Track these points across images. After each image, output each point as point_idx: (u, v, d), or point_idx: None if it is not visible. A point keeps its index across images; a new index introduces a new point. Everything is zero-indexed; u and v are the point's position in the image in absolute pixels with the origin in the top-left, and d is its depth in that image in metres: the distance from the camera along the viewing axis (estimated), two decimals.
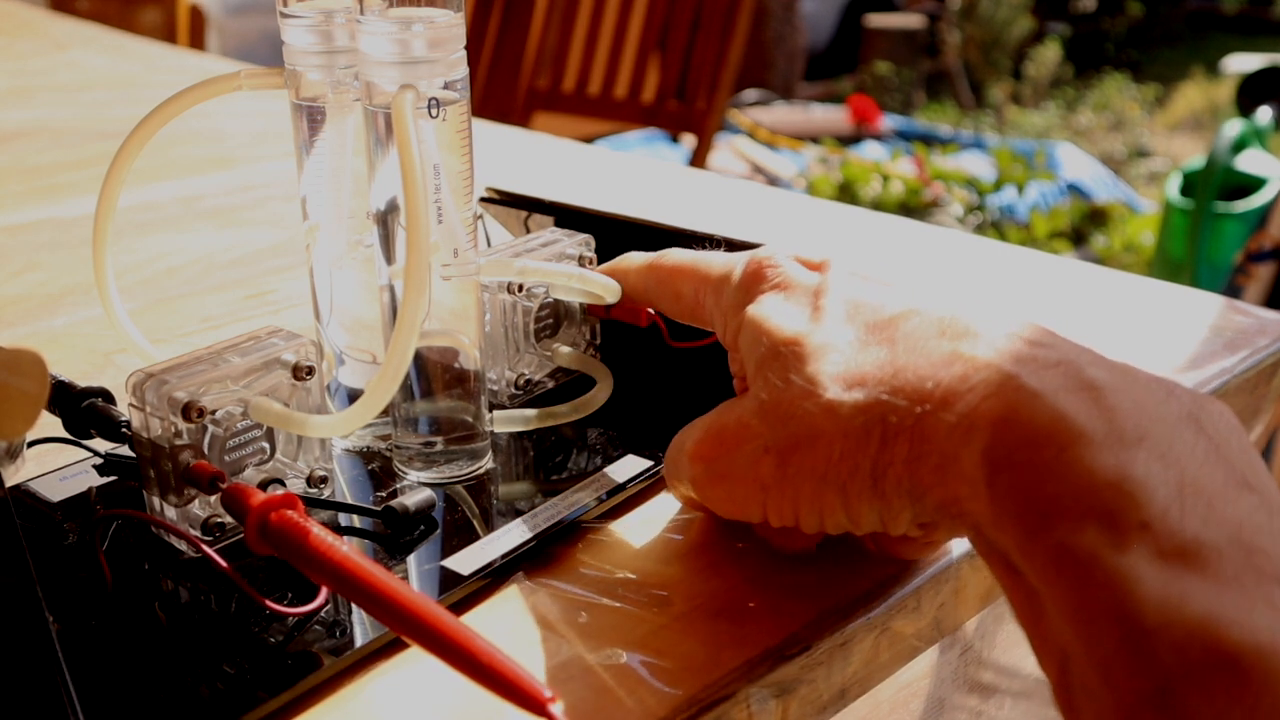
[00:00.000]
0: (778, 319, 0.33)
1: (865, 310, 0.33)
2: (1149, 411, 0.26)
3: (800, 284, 0.34)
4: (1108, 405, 0.26)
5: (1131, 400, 0.27)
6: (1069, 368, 0.28)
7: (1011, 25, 4.99)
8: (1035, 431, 0.26)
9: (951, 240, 0.66)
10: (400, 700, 0.30)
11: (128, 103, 1.02)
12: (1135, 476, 0.25)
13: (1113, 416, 0.26)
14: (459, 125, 0.35)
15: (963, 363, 0.29)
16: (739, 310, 0.35)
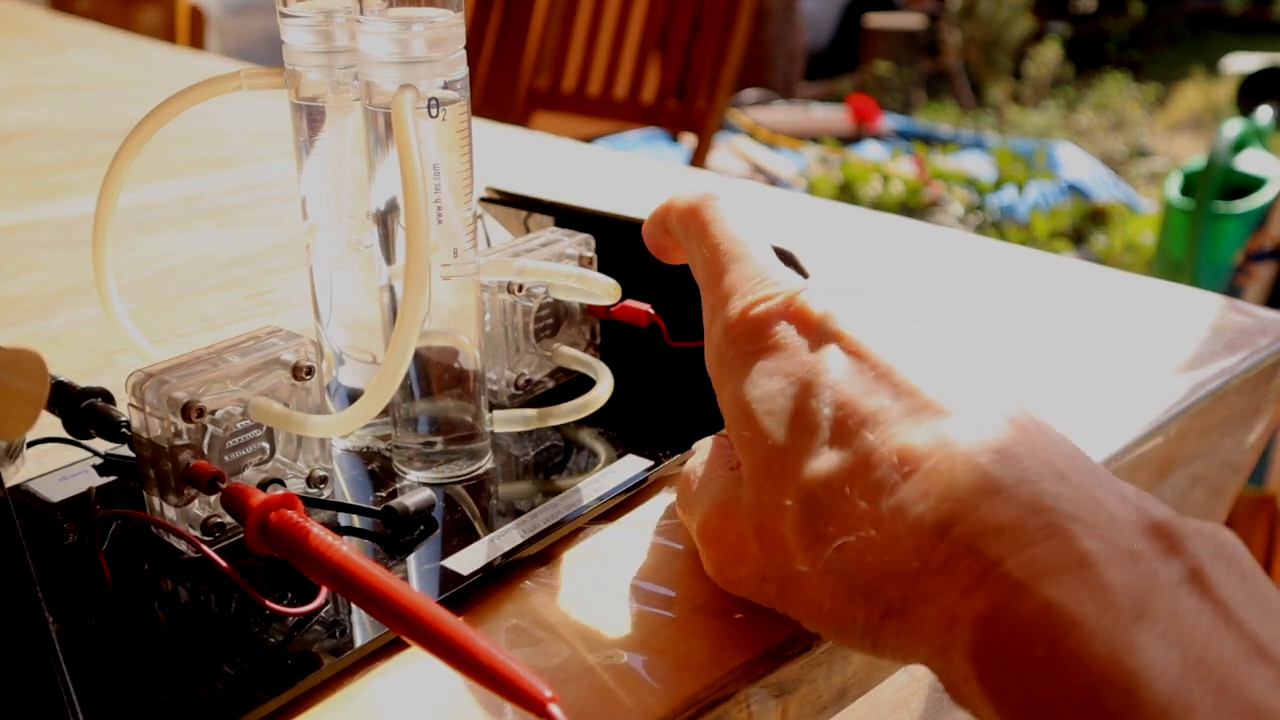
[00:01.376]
0: (768, 422, 0.30)
1: (853, 418, 0.29)
2: (1146, 581, 0.24)
3: (793, 361, 0.31)
4: (1101, 583, 0.24)
5: (1127, 573, 0.24)
6: (1060, 541, 0.25)
7: (1011, 25, 4.99)
8: (1023, 628, 0.24)
9: (951, 240, 0.66)
10: (400, 700, 0.30)
11: (128, 103, 1.02)
12: (1135, 668, 0.23)
13: (1107, 595, 0.24)
14: (459, 125, 0.35)
15: (946, 545, 0.26)
16: (726, 365, 0.33)
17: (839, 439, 0.29)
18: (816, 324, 0.31)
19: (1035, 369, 0.49)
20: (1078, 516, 0.25)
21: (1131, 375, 0.48)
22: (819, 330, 0.31)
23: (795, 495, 0.29)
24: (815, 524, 0.28)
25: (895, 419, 0.28)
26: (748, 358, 0.32)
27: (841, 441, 0.29)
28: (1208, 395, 0.47)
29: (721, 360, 0.33)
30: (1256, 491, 1.57)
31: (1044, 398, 0.46)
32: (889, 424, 0.28)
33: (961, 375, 0.30)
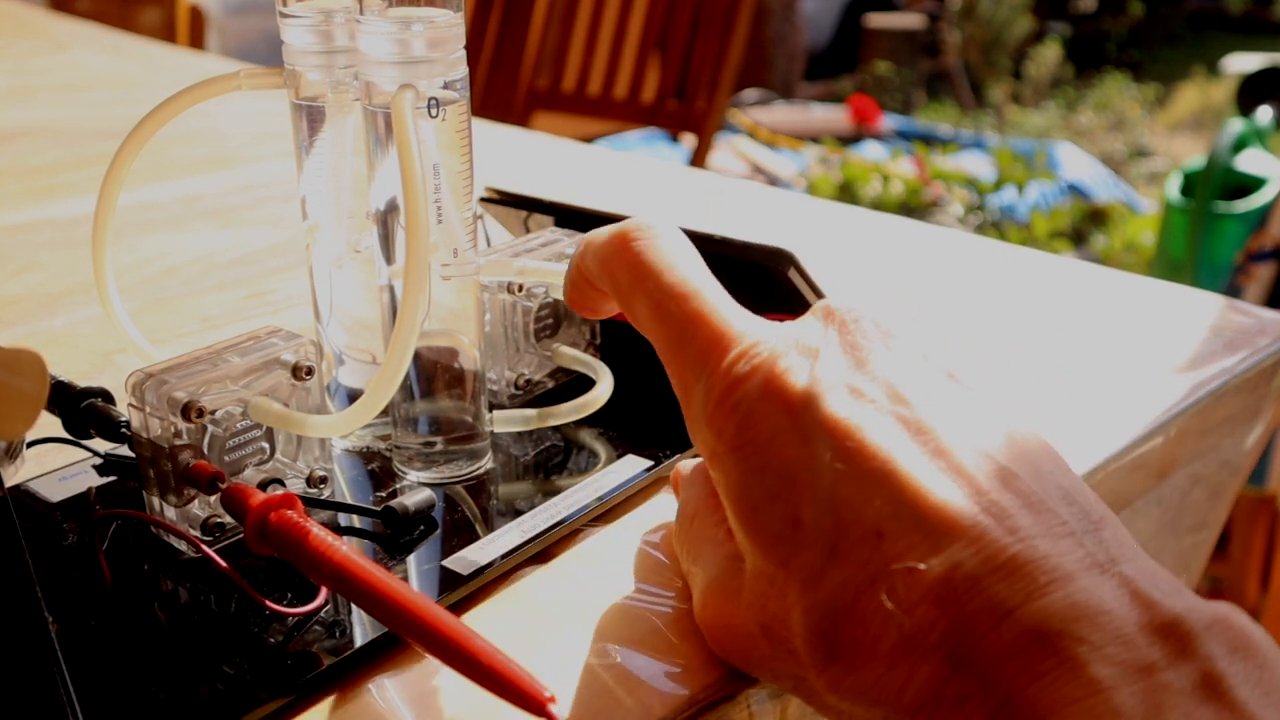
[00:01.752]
0: (765, 536, 0.28)
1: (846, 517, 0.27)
2: (1158, 698, 0.23)
3: (782, 457, 0.28)
4: (1111, 709, 0.23)
5: (1139, 694, 0.23)
6: (1068, 668, 0.23)
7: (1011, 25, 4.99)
8: None
9: (951, 240, 0.66)
10: (400, 700, 0.30)
11: (128, 103, 1.02)
12: None
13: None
14: (459, 125, 0.35)
15: (958, 679, 0.25)
16: (716, 458, 0.29)
17: (841, 555, 0.26)
18: (800, 408, 0.28)
19: (1035, 369, 0.49)
20: (1085, 637, 0.24)
21: (1131, 375, 0.48)
22: (803, 417, 0.28)
23: (801, 617, 0.27)
24: (826, 648, 0.26)
25: (898, 533, 0.26)
26: (735, 452, 0.29)
27: (845, 558, 0.26)
28: (1208, 395, 0.47)
29: (711, 453, 0.29)
30: (1256, 491, 1.57)
31: (1044, 398, 0.46)
32: (892, 539, 0.26)
33: (962, 431, 0.28)
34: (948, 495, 0.26)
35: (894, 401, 0.28)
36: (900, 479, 0.26)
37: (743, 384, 0.29)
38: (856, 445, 0.27)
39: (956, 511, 0.26)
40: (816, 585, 0.26)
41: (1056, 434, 0.43)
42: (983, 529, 0.25)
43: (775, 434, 0.28)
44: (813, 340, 0.30)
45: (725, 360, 0.29)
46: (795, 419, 0.28)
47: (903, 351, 0.30)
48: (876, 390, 0.28)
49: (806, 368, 0.29)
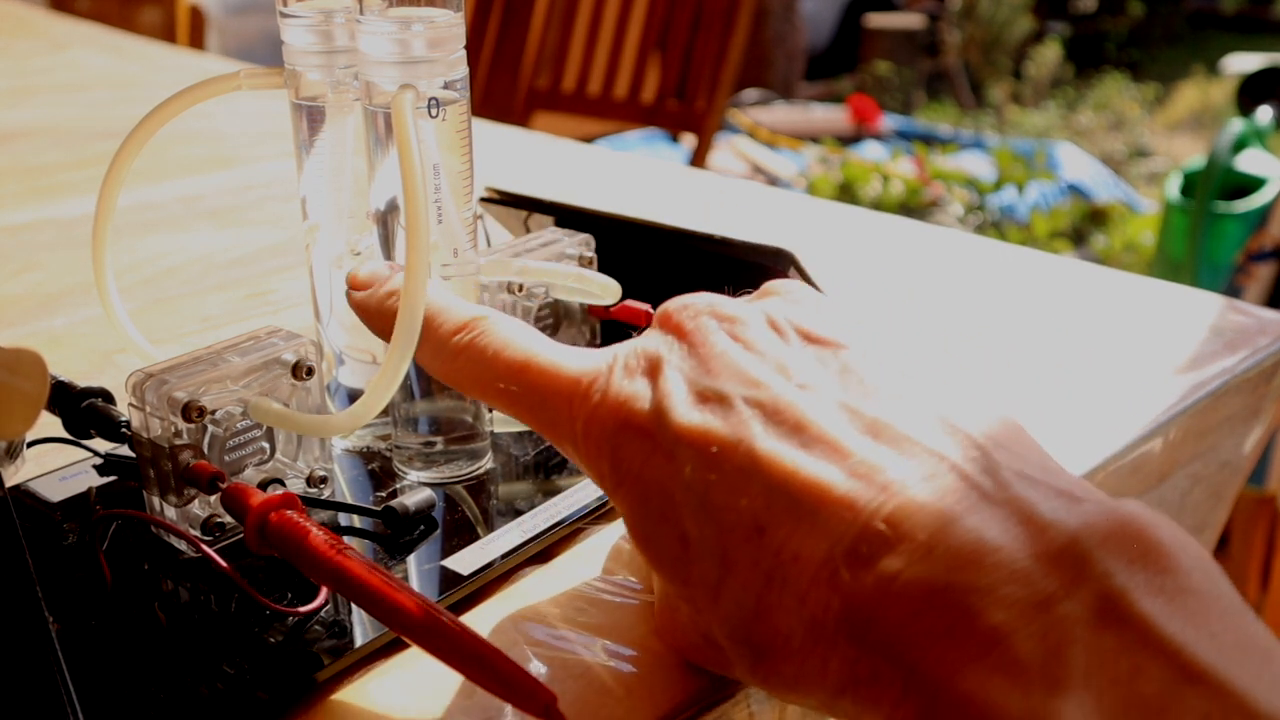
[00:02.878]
0: (661, 565, 0.28)
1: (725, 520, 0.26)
2: (1058, 635, 0.22)
3: (653, 483, 0.28)
4: (1012, 660, 0.22)
5: (1037, 635, 0.22)
6: (964, 622, 0.23)
7: (1011, 25, 5.00)
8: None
9: (951, 240, 0.66)
10: (400, 700, 0.30)
11: (128, 103, 1.02)
12: None
13: (1020, 672, 0.22)
14: (459, 125, 0.35)
15: (866, 656, 0.24)
16: (608, 493, 0.29)
17: (732, 561, 0.26)
18: (654, 428, 0.27)
19: (1035, 369, 0.49)
20: (975, 584, 0.23)
21: (1131, 375, 0.48)
22: (660, 436, 0.27)
23: (718, 628, 0.27)
24: (748, 653, 0.26)
25: (775, 523, 0.25)
26: (617, 490, 0.28)
27: (735, 563, 0.26)
28: (1207, 395, 0.47)
29: (607, 494, 0.30)
30: (1256, 491, 1.57)
31: (1044, 398, 0.46)
32: (772, 530, 0.25)
33: (821, 394, 0.27)
34: (812, 469, 0.25)
35: (745, 387, 0.27)
36: (764, 467, 0.26)
37: (595, 424, 0.29)
38: (714, 448, 0.26)
39: (824, 483, 0.25)
40: (718, 597, 0.26)
41: (1056, 434, 0.43)
42: (853, 495, 0.25)
43: (643, 461, 0.28)
44: (654, 353, 0.29)
45: (572, 409, 0.29)
46: (654, 440, 0.27)
47: (748, 331, 0.29)
48: (724, 384, 0.27)
49: (648, 387, 0.28)
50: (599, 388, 0.29)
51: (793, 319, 0.29)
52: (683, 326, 0.29)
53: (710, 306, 0.30)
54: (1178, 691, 0.21)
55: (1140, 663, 0.21)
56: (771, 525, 0.25)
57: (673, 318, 0.30)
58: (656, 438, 0.27)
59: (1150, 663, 0.21)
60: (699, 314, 0.29)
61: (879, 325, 0.30)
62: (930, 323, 0.54)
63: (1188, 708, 0.21)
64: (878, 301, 0.57)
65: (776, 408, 0.26)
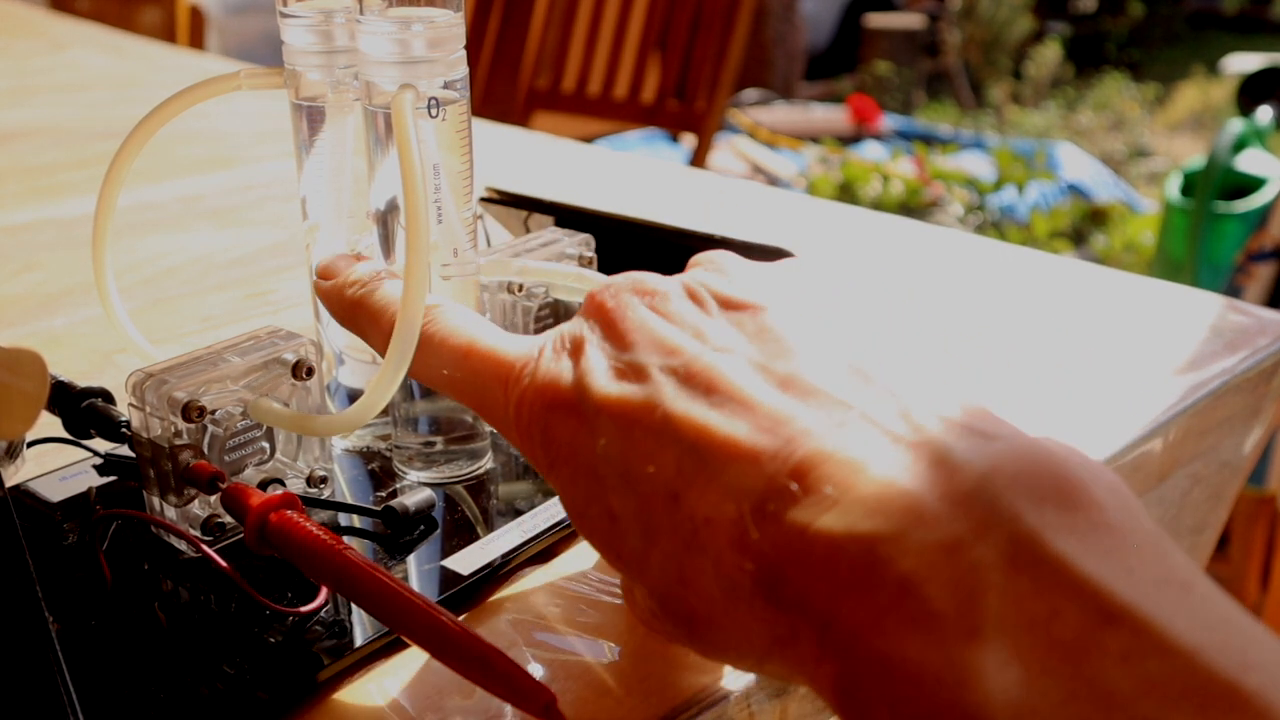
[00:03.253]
0: (596, 539, 0.28)
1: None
2: (970, 582, 0.21)
3: (580, 460, 0.28)
4: (925, 612, 0.21)
5: (950, 582, 0.21)
6: (875, 573, 0.22)
7: (1011, 25, 5.00)
8: (868, 691, 0.22)
9: (951, 240, 0.66)
10: (400, 700, 0.30)
11: (128, 103, 1.02)
12: (976, 702, 0.20)
13: (934, 624, 0.21)
14: (459, 125, 0.35)
15: (784, 615, 0.24)
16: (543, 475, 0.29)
17: (654, 531, 0.26)
18: (577, 405, 0.28)
19: (1035, 369, 0.49)
20: (884, 531, 0.22)
21: (1131, 375, 0.48)
22: (583, 413, 0.27)
23: (653, 602, 0.27)
24: (681, 623, 0.26)
25: (689, 487, 0.25)
26: (551, 473, 0.29)
27: (657, 532, 0.26)
28: (1207, 395, 0.47)
29: (541, 471, 0.30)
30: (1256, 492, 1.57)
31: (1044, 398, 0.46)
32: (686, 495, 0.25)
33: (734, 355, 0.27)
34: (721, 426, 0.25)
35: (663, 356, 0.27)
36: (676, 428, 0.25)
37: (525, 406, 0.29)
38: (629, 415, 0.26)
39: (733, 438, 0.25)
40: (646, 568, 0.26)
41: (1056, 434, 0.43)
42: (759, 448, 0.24)
43: (570, 440, 0.28)
44: (577, 334, 0.29)
45: (507, 393, 0.30)
46: (579, 418, 0.28)
47: (668, 304, 0.29)
48: (641, 355, 0.27)
49: (570, 366, 0.29)
50: (529, 371, 0.29)
51: (711, 286, 0.29)
52: (604, 305, 0.29)
53: (632, 283, 0.30)
54: (1096, 631, 0.20)
55: (1056, 604, 0.20)
56: (684, 490, 0.25)
57: (595, 297, 0.30)
58: (580, 413, 0.27)
59: (1067, 604, 0.20)
60: (620, 291, 0.30)
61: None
62: (930, 322, 0.54)
63: (1107, 647, 0.20)
64: (878, 301, 0.57)
65: (690, 372, 0.26)
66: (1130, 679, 0.19)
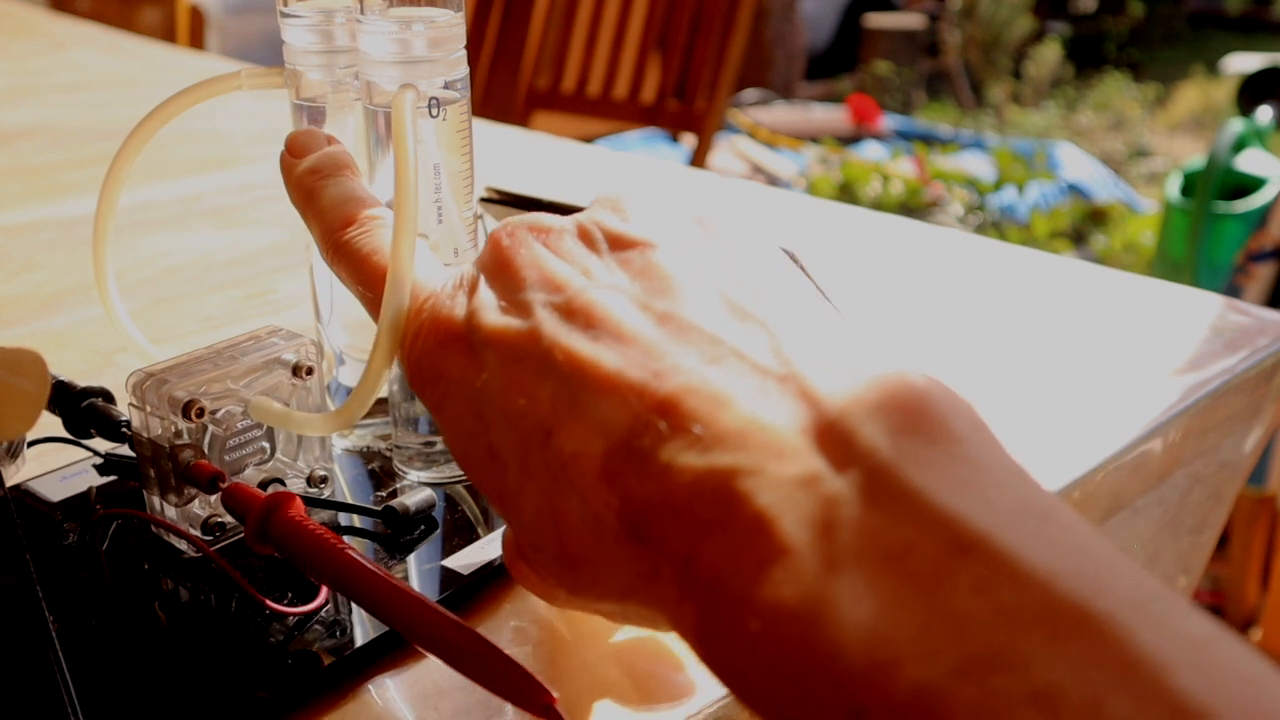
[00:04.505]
0: (476, 476, 0.27)
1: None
2: (827, 515, 0.21)
3: (464, 395, 0.28)
4: (782, 548, 0.21)
5: (806, 520, 0.21)
6: (732, 509, 0.22)
7: (1011, 25, 5.00)
8: (729, 634, 0.22)
9: (951, 240, 0.66)
10: (400, 700, 0.30)
11: (128, 103, 1.02)
12: (830, 640, 0.20)
13: (791, 562, 0.21)
14: (459, 125, 0.35)
15: (646, 550, 0.23)
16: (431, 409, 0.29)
17: (530, 468, 0.26)
18: (464, 340, 0.28)
19: (1036, 369, 0.49)
20: (743, 466, 0.22)
21: (1131, 375, 0.48)
22: (469, 346, 0.27)
23: (526, 545, 0.27)
24: (555, 564, 0.26)
25: (562, 423, 0.25)
26: (439, 410, 0.28)
27: (532, 469, 0.25)
28: (1207, 395, 0.47)
29: (430, 410, 0.29)
30: (1256, 492, 1.57)
31: (1044, 398, 0.46)
32: (559, 431, 0.25)
33: (618, 291, 0.26)
34: (596, 359, 0.25)
35: (549, 293, 0.27)
36: (554, 363, 0.25)
37: (419, 341, 0.29)
38: (511, 352, 0.26)
39: (604, 372, 0.24)
40: (520, 504, 0.26)
41: (1056, 434, 0.43)
42: (630, 381, 0.24)
43: (457, 375, 0.27)
44: (473, 273, 0.29)
45: (406, 324, 0.30)
46: (465, 353, 0.27)
47: (560, 242, 0.29)
48: (530, 294, 0.27)
49: (464, 303, 0.28)
50: (428, 306, 0.29)
51: (603, 224, 0.29)
52: (499, 243, 0.29)
53: (528, 222, 0.30)
54: (950, 563, 0.20)
55: (911, 538, 0.20)
56: (557, 426, 0.25)
57: (493, 235, 0.30)
58: (467, 349, 0.27)
59: (922, 537, 0.20)
60: (515, 230, 0.29)
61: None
62: (930, 323, 0.54)
63: (960, 578, 0.20)
64: (877, 302, 0.57)
65: (571, 308, 0.26)
66: (984, 608, 0.19)
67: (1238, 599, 1.61)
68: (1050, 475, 0.40)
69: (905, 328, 0.54)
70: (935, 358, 0.50)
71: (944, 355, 0.50)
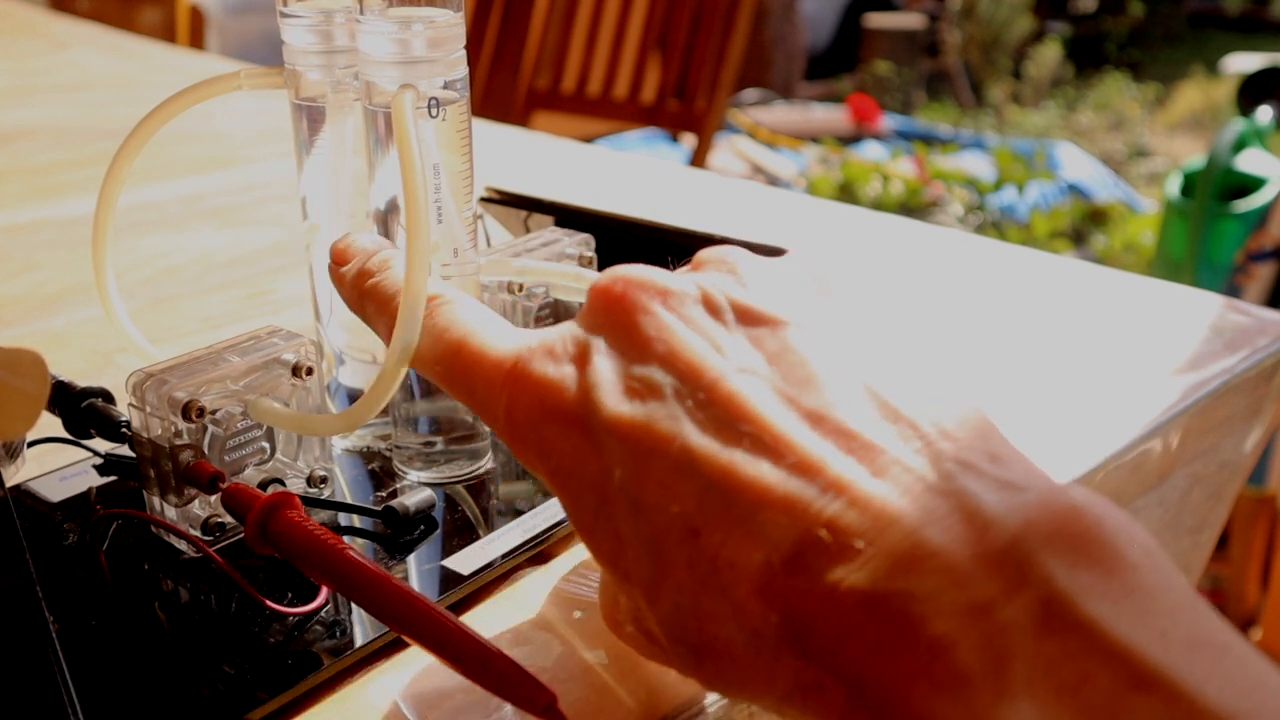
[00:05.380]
0: (601, 558, 0.26)
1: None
2: (1000, 642, 0.21)
3: (584, 473, 0.26)
4: (957, 673, 0.21)
5: (980, 645, 0.21)
6: (906, 634, 0.22)
7: (1011, 25, 5.00)
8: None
9: (951, 240, 0.66)
10: (400, 700, 0.30)
11: (128, 103, 1.02)
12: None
13: (964, 688, 0.21)
14: (459, 125, 0.35)
15: (810, 667, 0.23)
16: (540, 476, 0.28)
17: (667, 563, 0.24)
18: (582, 420, 0.26)
19: (1036, 369, 0.49)
20: (916, 591, 0.22)
21: (1131, 375, 0.48)
22: (588, 429, 0.26)
23: (657, 628, 0.26)
24: (690, 655, 0.25)
25: (711, 525, 0.24)
26: (551, 480, 0.27)
27: (671, 565, 0.24)
28: (1207, 395, 0.47)
29: (536, 475, 0.28)
30: (1256, 492, 1.57)
31: (1044, 397, 0.46)
32: (708, 532, 0.24)
33: (761, 381, 0.25)
34: (749, 468, 0.24)
35: (682, 377, 0.25)
36: (698, 465, 0.24)
37: (517, 409, 0.27)
38: (645, 443, 0.25)
39: (762, 483, 0.23)
40: (656, 597, 0.25)
41: (1056, 434, 0.43)
42: (793, 496, 0.23)
43: (572, 453, 0.26)
44: (582, 335, 0.27)
45: (496, 392, 0.28)
46: (583, 432, 0.26)
47: (683, 307, 0.27)
48: (659, 374, 0.26)
49: (574, 374, 0.27)
50: (522, 372, 0.28)
51: (730, 294, 0.27)
52: (618, 301, 0.27)
53: (643, 280, 0.28)
54: (1127, 697, 0.20)
55: (1087, 669, 0.20)
56: (706, 528, 0.24)
57: (608, 291, 0.28)
58: (585, 428, 0.26)
59: (1098, 669, 0.20)
60: (633, 287, 0.27)
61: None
62: (930, 323, 0.54)
63: (1138, 713, 0.20)
64: (877, 301, 0.57)
65: (711, 398, 0.25)
66: None
67: (1238, 599, 1.61)
68: (1050, 475, 0.40)
69: (905, 326, 0.54)
70: (936, 357, 0.50)
71: (944, 355, 0.50)
